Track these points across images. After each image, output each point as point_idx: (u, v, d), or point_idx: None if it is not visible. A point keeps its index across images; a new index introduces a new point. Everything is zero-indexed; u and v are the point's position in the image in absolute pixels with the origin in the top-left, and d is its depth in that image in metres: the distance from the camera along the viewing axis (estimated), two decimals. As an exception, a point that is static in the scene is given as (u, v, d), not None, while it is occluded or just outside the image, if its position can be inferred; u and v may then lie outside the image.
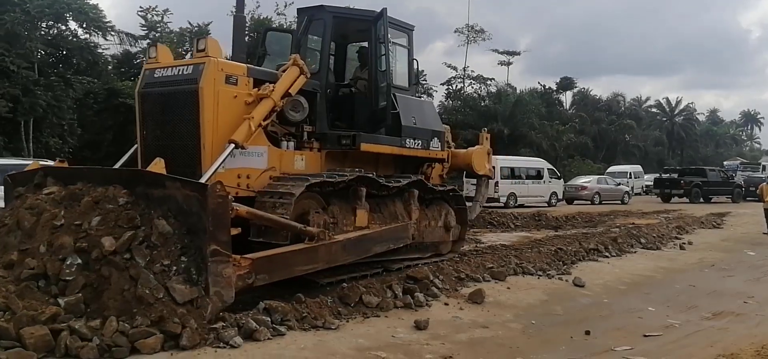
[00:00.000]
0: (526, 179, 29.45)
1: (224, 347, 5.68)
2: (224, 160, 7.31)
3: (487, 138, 12.32)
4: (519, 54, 56.36)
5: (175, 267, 6.07)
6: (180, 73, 7.80)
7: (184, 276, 6.04)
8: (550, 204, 29.62)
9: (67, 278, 5.89)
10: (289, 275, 7.16)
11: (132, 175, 6.91)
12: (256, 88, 8.07)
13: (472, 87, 50.03)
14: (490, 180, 12.48)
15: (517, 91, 51.89)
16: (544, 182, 30.22)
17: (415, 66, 10.60)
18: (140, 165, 7.91)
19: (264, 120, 7.95)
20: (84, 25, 24.90)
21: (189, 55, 18.05)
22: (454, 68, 49.14)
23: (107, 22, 25.54)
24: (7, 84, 20.80)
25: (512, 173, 28.62)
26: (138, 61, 28.82)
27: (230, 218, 6.31)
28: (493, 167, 12.43)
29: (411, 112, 9.96)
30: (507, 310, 8.09)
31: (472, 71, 49.87)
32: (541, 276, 10.15)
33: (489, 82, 50.33)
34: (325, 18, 9.50)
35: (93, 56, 27.09)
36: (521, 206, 27.39)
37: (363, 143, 9.07)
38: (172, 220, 6.31)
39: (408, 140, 9.86)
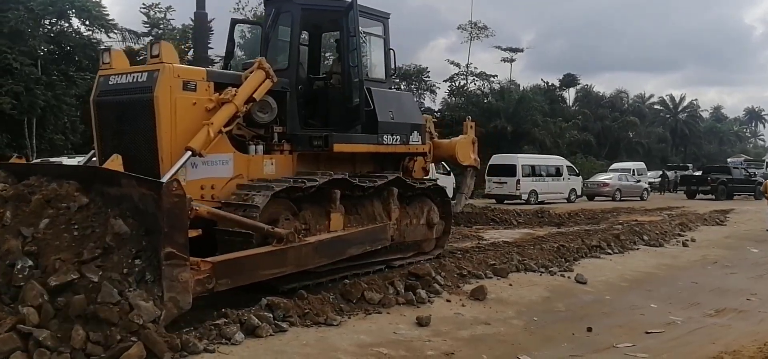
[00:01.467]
0: (547, 176, 30.14)
1: (226, 343, 5.73)
2: (179, 168, 6.96)
3: (471, 127, 11.92)
4: (522, 51, 56.50)
5: (131, 277, 5.73)
6: (134, 80, 7.48)
7: (138, 280, 5.73)
8: (569, 200, 30.29)
9: (20, 283, 5.56)
10: (255, 279, 6.77)
11: (87, 172, 6.66)
12: (218, 93, 7.68)
13: (475, 84, 50.00)
14: (475, 171, 11.89)
15: (521, 88, 51.70)
16: (563, 179, 30.88)
17: (392, 57, 10.18)
18: None
19: (226, 126, 7.57)
20: (87, 23, 24.90)
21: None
22: (457, 65, 49.12)
23: (110, 20, 25.39)
24: (10, 81, 20.76)
25: (533, 171, 29.40)
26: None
27: (188, 218, 5.98)
28: (478, 158, 11.80)
29: (388, 106, 9.57)
30: (509, 307, 8.08)
31: (475, 68, 49.86)
32: (543, 272, 10.12)
33: (492, 79, 50.19)
34: (293, 10, 9.10)
35: (96, 53, 26.94)
36: (542, 202, 27.75)
37: (336, 144, 8.69)
38: (129, 220, 6.00)
39: (385, 136, 9.46)
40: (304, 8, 9.11)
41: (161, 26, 31.50)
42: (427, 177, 10.93)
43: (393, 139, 9.60)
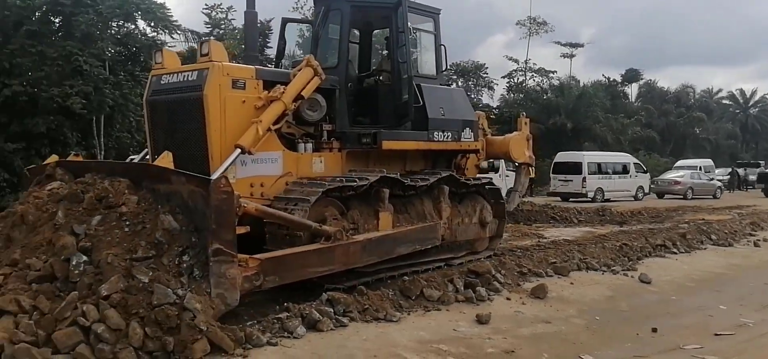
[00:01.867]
0: (613, 174, 29.48)
1: (288, 336, 5.82)
2: (228, 166, 6.96)
3: (526, 124, 11.55)
4: (582, 46, 54.62)
5: (182, 275, 5.77)
6: (185, 79, 7.55)
7: (187, 276, 5.78)
8: (636, 198, 29.40)
9: (76, 279, 5.66)
10: (302, 276, 6.77)
11: (138, 169, 6.77)
12: (267, 91, 7.67)
13: (534, 80, 48.81)
14: (530, 168, 11.54)
15: (581, 84, 50.28)
16: (630, 176, 30.17)
17: (444, 53, 9.95)
18: None
19: (275, 124, 7.56)
20: (152, 24, 25.60)
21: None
22: (516, 61, 48.06)
23: (173, 21, 26.07)
24: (80, 82, 21.61)
25: (599, 169, 28.85)
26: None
27: (236, 215, 6.00)
28: (533, 155, 11.45)
29: (439, 103, 9.35)
30: (570, 305, 7.94)
31: (534, 64, 48.51)
32: (605, 271, 9.92)
33: (551, 75, 48.92)
34: (342, 7, 9.05)
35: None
36: (608, 200, 27.09)
37: (385, 141, 8.54)
38: (179, 216, 6.08)
39: (436, 132, 9.25)
40: (353, 6, 9.05)
41: (222, 26, 32.07)
42: (482, 175, 10.62)
43: (444, 136, 9.40)
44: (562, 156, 29.32)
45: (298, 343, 5.75)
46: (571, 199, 26.88)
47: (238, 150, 7.08)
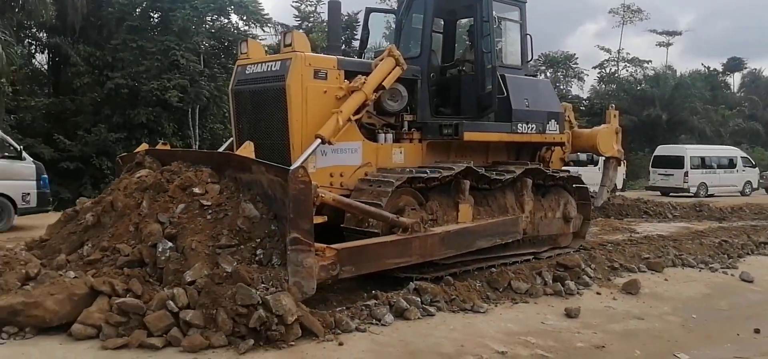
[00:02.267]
0: (718, 168, 28.18)
1: (376, 323, 5.86)
2: (309, 155, 6.99)
3: (615, 116, 10.98)
4: (679, 34, 52.35)
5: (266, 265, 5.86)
6: (268, 69, 7.61)
7: (265, 263, 5.88)
8: (743, 194, 28.05)
9: (162, 265, 5.88)
10: (379, 268, 6.71)
11: (221, 158, 6.88)
12: (348, 81, 7.64)
13: (627, 70, 46.87)
14: (619, 163, 10.98)
15: (678, 73, 47.69)
16: (737, 171, 28.66)
17: (529, 42, 9.62)
18: None
19: (355, 114, 7.52)
20: (244, 18, 26.43)
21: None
22: (608, 51, 46.24)
23: (264, 14, 26.82)
24: (177, 75, 22.58)
25: (703, 163, 27.51)
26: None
27: (313, 205, 6.00)
28: (622, 149, 10.91)
29: (523, 93, 9.05)
30: (664, 302, 7.60)
31: (627, 54, 47.12)
32: (702, 268, 9.45)
33: (646, 64, 46.63)
34: None
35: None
36: (711, 196, 25.78)
37: (467, 132, 8.33)
38: (260, 204, 6.19)
39: (520, 124, 8.96)
40: None
41: (311, 19, 32.59)
42: (565, 168, 10.23)
43: (528, 127, 9.09)
44: (662, 150, 27.99)
45: (386, 330, 5.78)
46: (671, 194, 25.59)
47: (319, 140, 7.09)
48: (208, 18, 25.97)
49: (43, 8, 17.05)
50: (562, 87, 44.63)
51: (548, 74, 43.31)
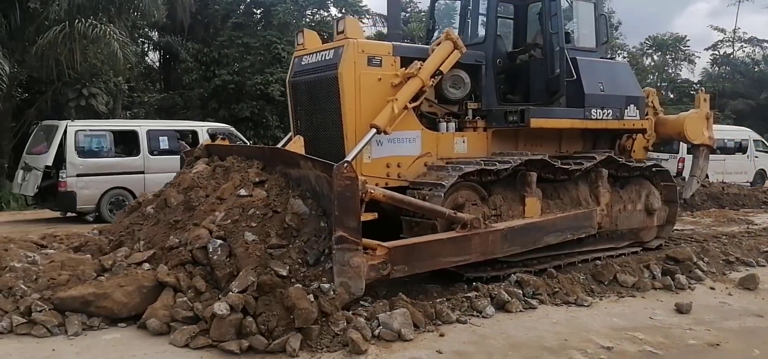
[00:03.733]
0: None
1: (477, 315, 5.61)
2: (363, 146, 6.39)
3: (705, 100, 9.48)
4: (803, 10, 45.36)
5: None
6: (322, 59, 7.04)
7: (315, 263, 5.36)
8: None
9: (214, 265, 5.40)
10: (435, 266, 6.01)
11: (272, 153, 6.41)
12: (404, 68, 6.90)
13: (744, 51, 41.28)
14: (711, 151, 9.42)
15: (801, 53, 41.76)
16: None
17: (604, 23, 8.40)
18: None
19: (412, 102, 6.79)
20: (343, 10, 26.06)
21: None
22: (722, 31, 40.97)
23: (363, 6, 26.29)
24: (279, 69, 22.63)
25: None
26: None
27: (360, 201, 5.38)
28: (714, 136, 9.37)
29: (597, 77, 7.93)
30: None
31: (744, 33, 40.92)
32: None
33: (765, 44, 41.07)
34: None
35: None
36: None
37: (534, 119, 7.34)
38: (309, 200, 5.71)
39: (594, 110, 7.81)
40: None
41: (408, 10, 31.67)
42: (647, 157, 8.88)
43: (603, 113, 7.92)
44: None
45: (487, 323, 5.48)
46: None
47: (373, 130, 6.44)
48: (309, 12, 25.64)
49: (156, 9, 17.22)
50: (670, 71, 40.61)
51: (655, 58, 39.37)
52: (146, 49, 25.64)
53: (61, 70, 15.90)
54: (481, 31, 8.22)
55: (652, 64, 40.30)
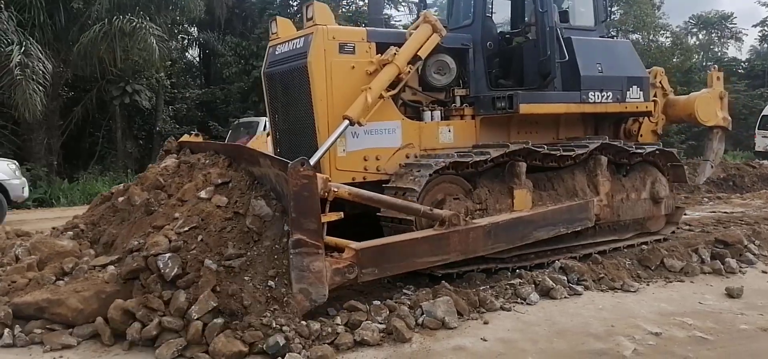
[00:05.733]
0: None
1: (521, 303, 5.26)
2: (335, 139, 5.60)
3: (718, 78, 8.16)
4: None
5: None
6: (294, 48, 6.27)
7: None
8: None
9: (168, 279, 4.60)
10: (410, 268, 5.19)
11: (235, 151, 5.70)
12: (380, 54, 6.07)
13: None
14: (725, 132, 8.08)
15: None
16: None
17: (604, 1, 7.14)
18: (273, 151, 6.44)
19: (390, 90, 5.95)
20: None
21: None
22: None
23: None
24: None
25: None
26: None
27: (324, 201, 4.66)
28: (729, 117, 8.00)
29: (595, 58, 6.92)
30: None
31: None
32: None
33: (817, 18, 37.41)
34: None
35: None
36: None
37: (523, 104, 6.38)
38: (275, 202, 4.94)
39: (591, 93, 6.74)
40: None
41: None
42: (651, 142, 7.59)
43: (602, 96, 6.86)
44: None
45: (532, 310, 5.11)
46: None
47: (346, 122, 5.66)
48: (345, 2, 24.54)
49: (194, 5, 16.56)
50: (716, 49, 37.33)
51: (700, 37, 36.09)
52: (186, 44, 25.18)
53: (104, 68, 15.53)
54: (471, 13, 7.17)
55: (697, 43, 37.46)
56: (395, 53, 5.86)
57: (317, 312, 4.58)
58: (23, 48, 12.69)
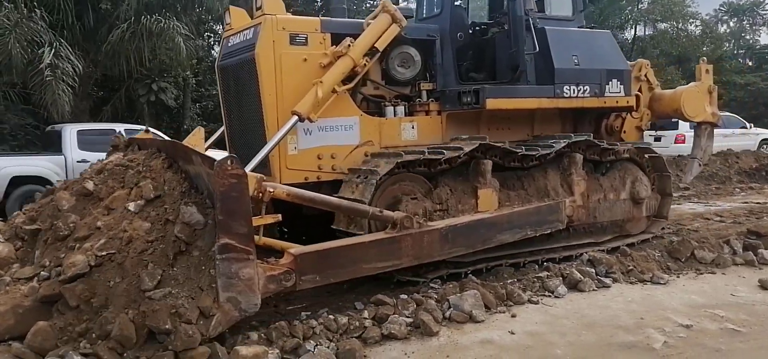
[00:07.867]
0: None
1: (549, 296, 5.03)
2: (283, 136, 4.99)
3: (707, 72, 7.30)
4: None
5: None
6: (244, 39, 5.67)
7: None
8: None
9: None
10: (356, 274, 4.57)
11: (173, 148, 4.95)
12: (335, 46, 5.42)
13: None
14: (713, 128, 7.24)
15: None
16: None
17: None
18: (228, 149, 5.79)
19: (345, 84, 5.37)
20: None
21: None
22: None
23: None
24: None
25: None
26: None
27: (262, 202, 4.15)
28: (718, 111, 7.21)
29: (571, 50, 6.22)
30: None
31: None
32: None
33: None
34: None
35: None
36: None
37: (490, 99, 5.69)
38: (209, 209, 4.21)
39: (566, 86, 6.02)
40: None
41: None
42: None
43: (578, 90, 6.16)
44: None
45: (560, 302, 4.89)
46: None
47: (295, 117, 5.07)
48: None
49: (220, 4, 16.13)
50: (748, 37, 35.31)
51: (731, 24, 33.94)
52: (212, 43, 24.71)
53: (132, 68, 15.21)
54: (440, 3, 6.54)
55: (728, 31, 35.49)
56: (349, 45, 5.24)
57: (344, 307, 4.49)
58: (53, 49, 12.51)
